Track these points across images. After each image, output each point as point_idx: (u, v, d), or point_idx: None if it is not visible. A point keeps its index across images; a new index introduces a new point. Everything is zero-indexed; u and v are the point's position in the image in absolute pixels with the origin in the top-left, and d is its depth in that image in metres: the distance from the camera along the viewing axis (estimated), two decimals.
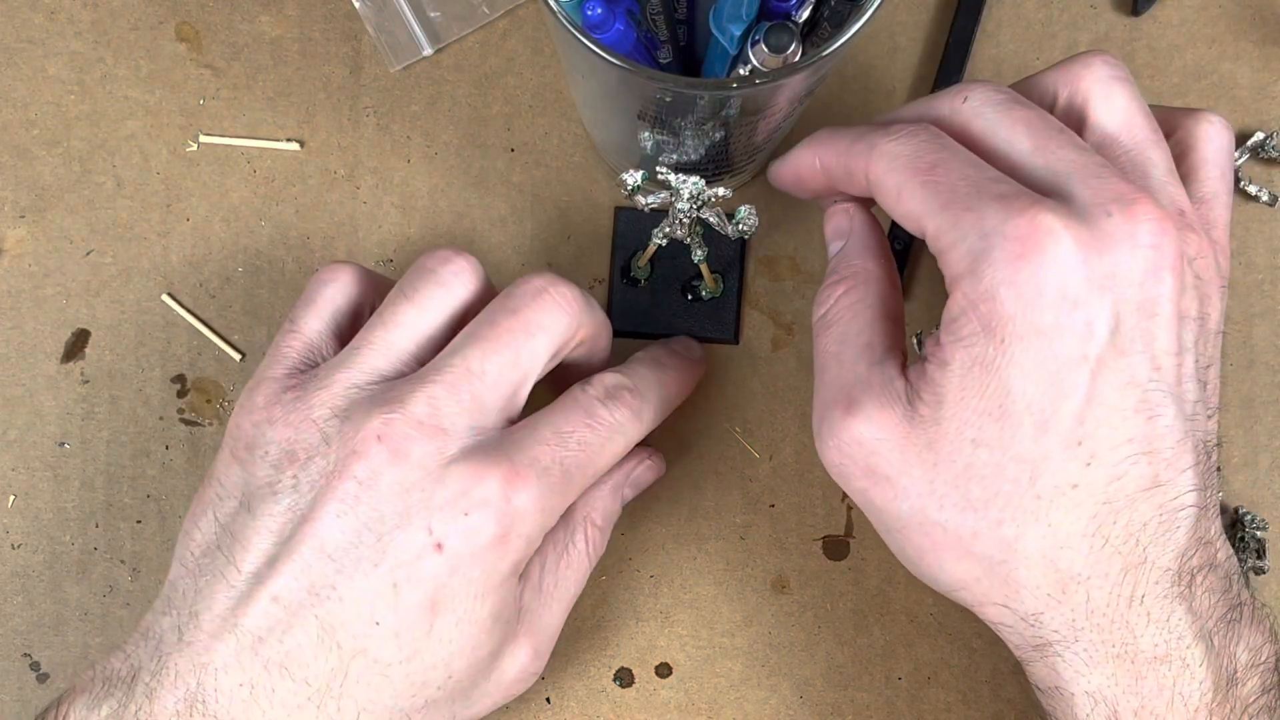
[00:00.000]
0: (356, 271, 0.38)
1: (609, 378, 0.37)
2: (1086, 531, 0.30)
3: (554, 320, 0.35)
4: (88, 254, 0.45)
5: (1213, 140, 0.34)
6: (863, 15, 0.30)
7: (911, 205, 0.31)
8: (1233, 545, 0.43)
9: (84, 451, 0.44)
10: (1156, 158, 0.32)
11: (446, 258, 0.37)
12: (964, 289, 0.29)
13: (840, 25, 0.34)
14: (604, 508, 0.39)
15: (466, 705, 0.35)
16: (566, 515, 0.37)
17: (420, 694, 0.34)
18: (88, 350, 0.44)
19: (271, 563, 0.33)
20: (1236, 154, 0.45)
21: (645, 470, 0.41)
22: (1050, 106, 0.33)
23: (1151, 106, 0.34)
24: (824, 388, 0.33)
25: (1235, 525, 0.44)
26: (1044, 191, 0.30)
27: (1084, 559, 0.30)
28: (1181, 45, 0.46)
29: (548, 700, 0.43)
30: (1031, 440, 0.29)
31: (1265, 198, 0.45)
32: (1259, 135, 0.45)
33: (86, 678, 0.34)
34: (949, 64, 0.45)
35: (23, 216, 0.45)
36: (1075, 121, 0.33)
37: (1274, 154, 0.45)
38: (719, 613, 0.44)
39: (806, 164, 0.35)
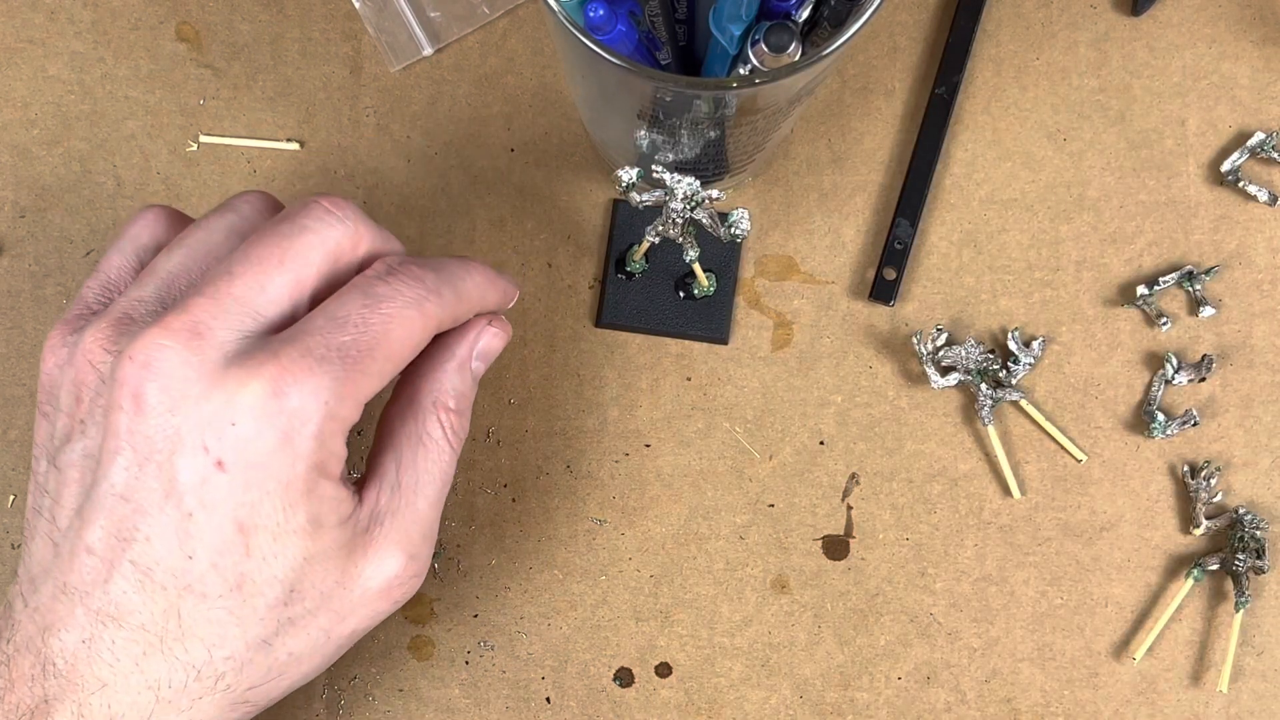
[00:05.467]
0: (164, 211, 0.37)
1: (393, 257, 0.34)
2: None
3: (323, 225, 0.33)
4: (88, 254, 0.45)
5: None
6: (863, 15, 0.30)
7: None
8: (1233, 545, 0.43)
9: None
10: None
11: (241, 192, 0.36)
12: None
13: (840, 25, 0.34)
14: (453, 388, 0.36)
15: (338, 619, 0.34)
16: (413, 405, 0.36)
17: (270, 618, 0.32)
18: None
19: (80, 515, 0.32)
20: (1236, 154, 0.45)
21: (491, 338, 0.37)
22: None
23: None
24: None
25: (1235, 525, 0.44)
26: None
27: None
28: (1181, 45, 0.46)
29: (548, 700, 0.43)
30: None
31: (1265, 198, 0.45)
32: (1258, 135, 0.45)
33: None
34: (949, 64, 0.45)
35: (23, 216, 0.45)
36: None
37: (1274, 154, 0.45)
38: (719, 613, 0.44)
39: None
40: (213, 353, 0.31)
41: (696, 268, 0.42)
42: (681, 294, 0.44)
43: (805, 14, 0.35)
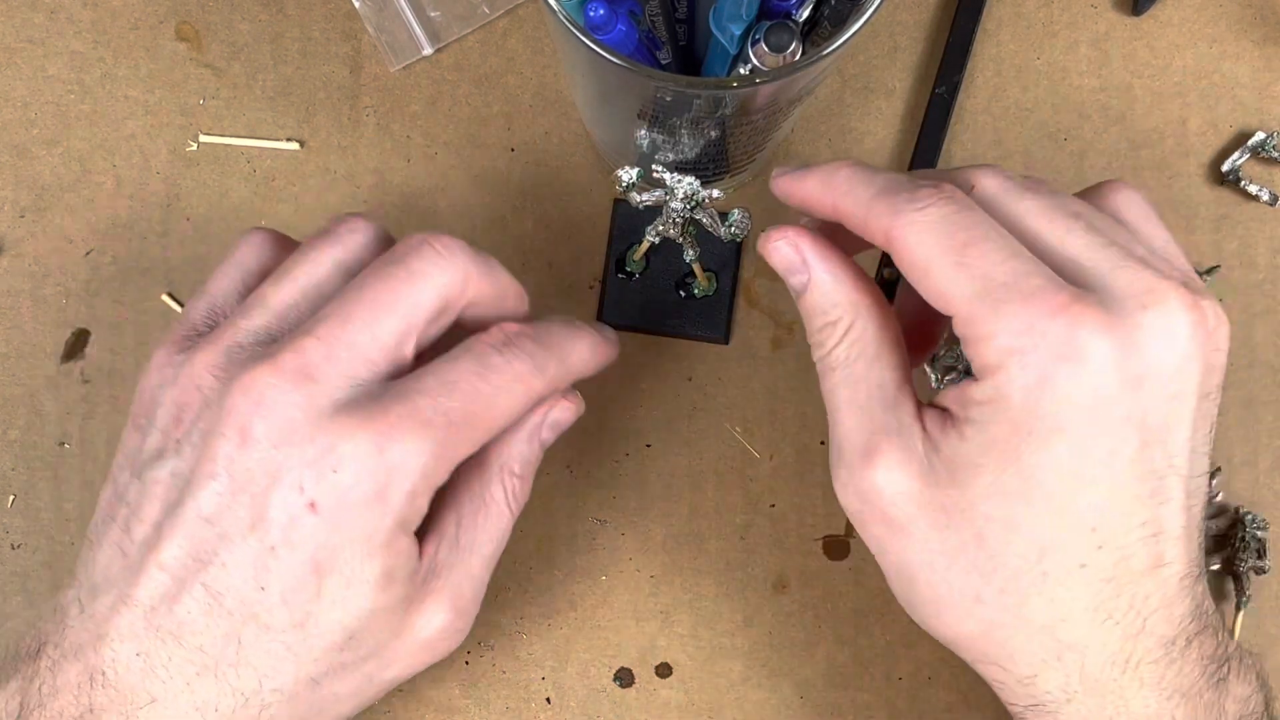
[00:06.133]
0: (270, 235, 0.38)
1: (510, 325, 0.35)
2: (1089, 607, 0.30)
3: (436, 268, 0.34)
4: (88, 254, 0.45)
5: (1132, 204, 0.34)
6: (863, 15, 0.30)
7: (941, 285, 0.30)
8: (1233, 545, 0.43)
9: (84, 451, 0.44)
10: (1133, 240, 0.32)
11: (344, 218, 0.37)
12: (996, 381, 0.29)
13: (840, 24, 0.34)
14: (520, 454, 0.37)
15: (383, 666, 0.35)
16: (480, 466, 0.36)
17: (325, 659, 0.33)
18: (88, 350, 0.44)
19: (159, 530, 0.32)
20: (1236, 154, 0.45)
21: (562, 411, 0.38)
22: None
23: None
24: (839, 432, 0.33)
25: (1235, 525, 0.44)
26: (1070, 279, 0.30)
27: (1084, 631, 0.31)
28: (1181, 45, 0.46)
29: (548, 700, 0.43)
30: (1044, 524, 0.30)
31: (1265, 198, 0.45)
32: (1259, 135, 0.45)
33: None
34: (949, 64, 0.45)
35: (23, 216, 0.45)
36: None
37: (1274, 154, 0.45)
38: (719, 613, 0.44)
39: (817, 198, 0.33)
40: (324, 399, 0.32)
41: (696, 268, 0.42)
42: (682, 294, 0.44)
43: (805, 14, 0.35)
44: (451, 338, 0.36)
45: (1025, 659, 0.31)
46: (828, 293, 0.33)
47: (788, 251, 0.34)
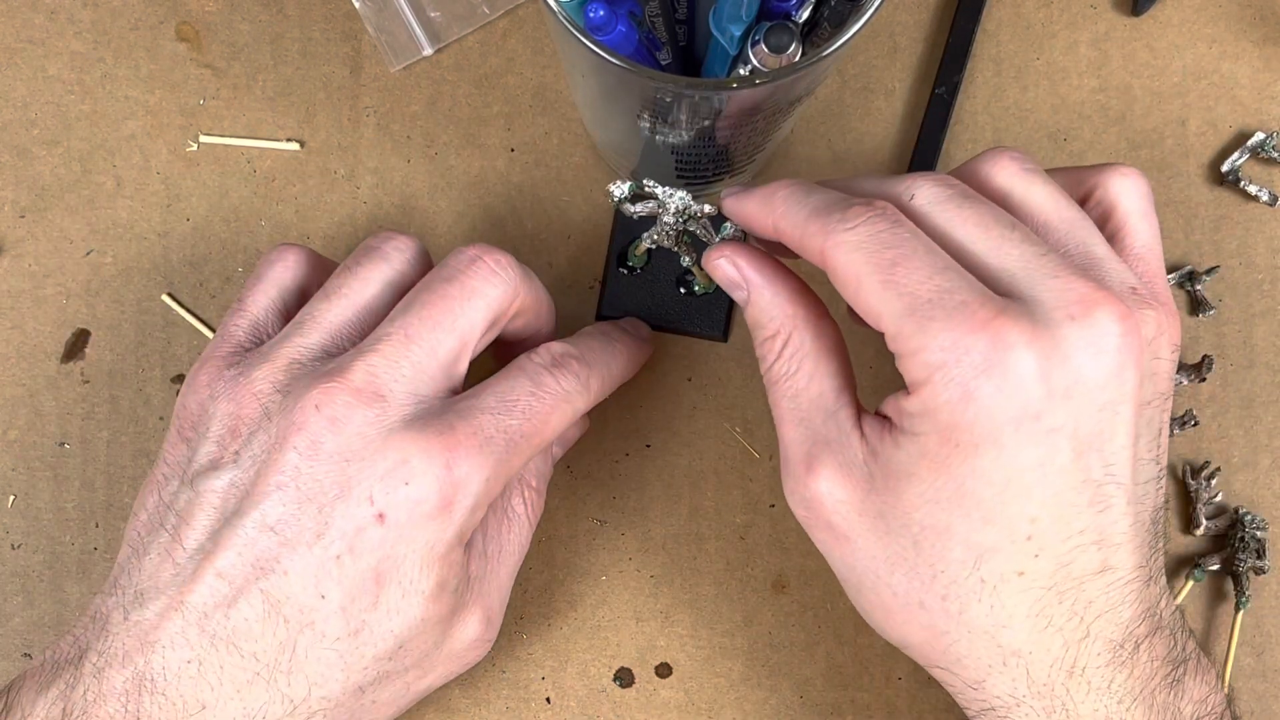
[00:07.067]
0: (303, 252, 0.39)
1: (556, 346, 0.37)
2: (1030, 613, 0.31)
3: (489, 286, 0.35)
4: (88, 254, 0.45)
5: (1130, 192, 0.34)
6: (863, 15, 0.30)
7: (870, 303, 0.30)
8: (1233, 545, 0.43)
9: (84, 451, 0.44)
10: (1092, 237, 0.32)
11: (388, 235, 0.38)
12: (923, 396, 0.30)
13: (840, 25, 0.34)
14: (537, 468, 0.38)
15: (421, 675, 0.35)
16: None
17: (373, 668, 0.34)
18: (88, 350, 0.44)
19: (215, 538, 0.33)
20: (1236, 154, 0.45)
21: (572, 428, 0.40)
22: None
23: (1060, 170, 0.35)
24: (785, 443, 0.34)
25: (1235, 525, 0.44)
26: (1002, 290, 0.30)
27: (1025, 637, 0.31)
28: (1181, 45, 0.46)
29: (548, 700, 0.43)
30: (978, 531, 0.30)
31: (1265, 198, 0.45)
32: (1259, 135, 0.45)
33: (36, 663, 0.34)
34: (949, 64, 0.45)
35: (23, 216, 0.45)
36: None
37: (1274, 154, 0.45)
38: (719, 613, 0.44)
39: (758, 219, 0.34)
40: (393, 416, 0.33)
41: (695, 269, 0.42)
42: (682, 290, 0.44)
43: (805, 14, 0.35)
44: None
45: (972, 664, 0.32)
46: (765, 307, 0.34)
47: (728, 269, 0.35)
